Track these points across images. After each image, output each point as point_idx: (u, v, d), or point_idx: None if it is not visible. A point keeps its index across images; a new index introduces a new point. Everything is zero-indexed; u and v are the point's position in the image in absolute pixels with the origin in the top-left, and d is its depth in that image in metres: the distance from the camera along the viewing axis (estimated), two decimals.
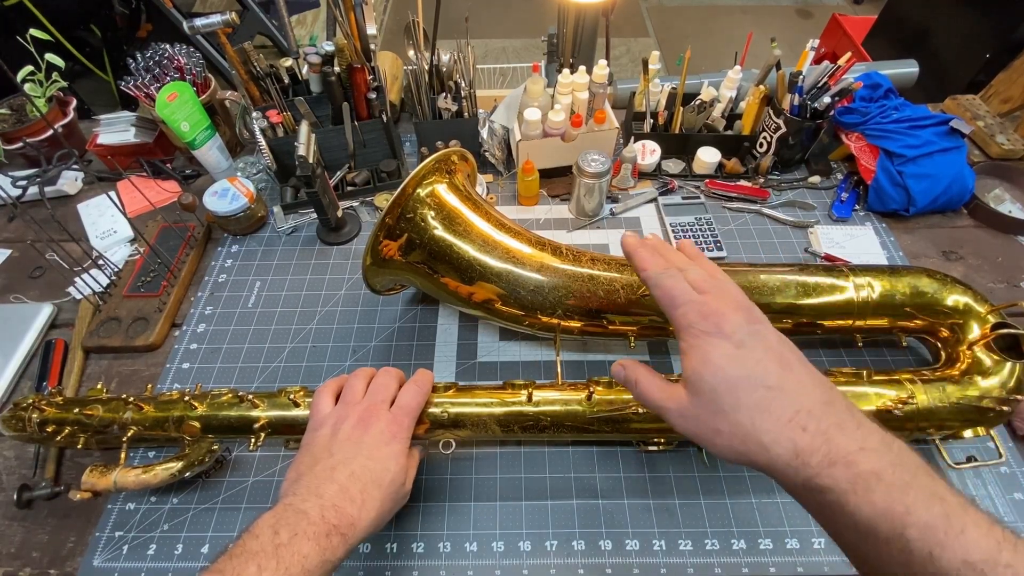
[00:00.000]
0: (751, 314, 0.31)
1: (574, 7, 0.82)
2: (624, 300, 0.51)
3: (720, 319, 0.30)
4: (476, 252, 0.52)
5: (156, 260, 0.69)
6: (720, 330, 0.30)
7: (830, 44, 1.92)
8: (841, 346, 0.61)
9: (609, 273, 0.53)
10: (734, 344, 0.29)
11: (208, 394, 0.50)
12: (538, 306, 0.53)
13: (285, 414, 0.48)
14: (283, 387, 0.50)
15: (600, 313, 0.53)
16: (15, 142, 0.80)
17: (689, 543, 0.49)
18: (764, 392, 0.28)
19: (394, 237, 0.52)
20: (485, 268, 0.52)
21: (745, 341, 0.29)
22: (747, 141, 0.80)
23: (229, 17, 0.69)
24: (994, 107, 0.98)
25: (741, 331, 0.30)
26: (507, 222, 0.55)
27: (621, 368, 0.35)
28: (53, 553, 0.49)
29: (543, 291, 0.52)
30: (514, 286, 0.52)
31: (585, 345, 0.62)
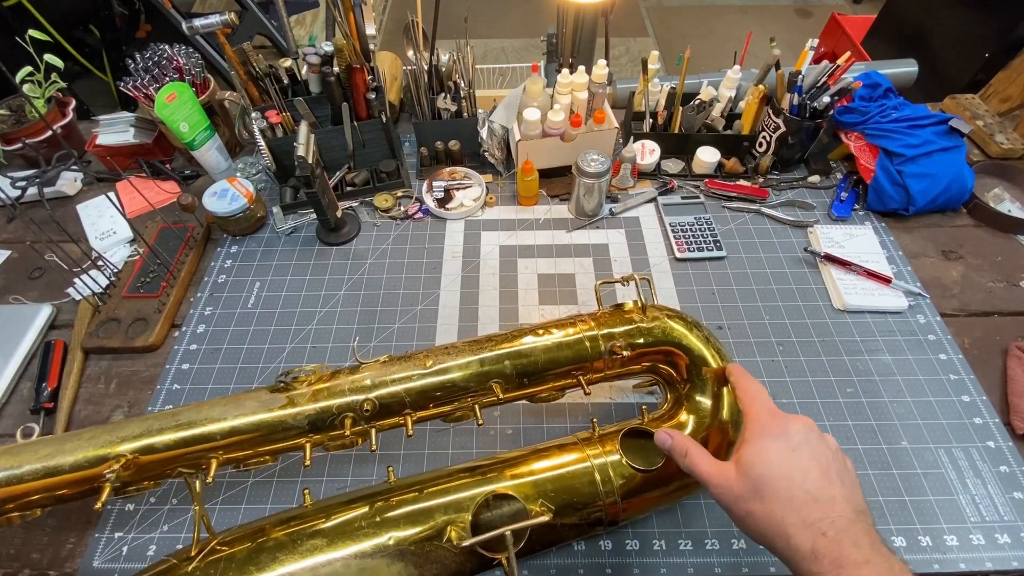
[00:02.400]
0: (813, 426, 0.36)
1: (573, 7, 0.81)
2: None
3: (786, 424, 0.36)
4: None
5: (155, 261, 0.69)
6: (782, 432, 0.35)
7: (829, 44, 1.92)
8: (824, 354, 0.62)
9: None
10: (790, 447, 0.34)
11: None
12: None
13: None
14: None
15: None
16: (14, 143, 0.80)
17: (689, 543, 0.49)
18: (802, 494, 0.32)
19: None
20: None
21: (798, 446, 0.34)
22: (746, 141, 0.80)
23: (228, 17, 0.69)
24: (993, 106, 0.98)
25: (798, 437, 0.35)
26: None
27: (668, 438, 0.40)
28: (53, 554, 0.49)
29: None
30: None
31: None
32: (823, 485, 0.33)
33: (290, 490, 0.53)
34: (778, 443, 0.35)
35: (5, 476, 0.39)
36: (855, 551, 0.30)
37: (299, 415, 0.42)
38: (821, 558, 0.30)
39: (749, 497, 0.33)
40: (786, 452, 0.34)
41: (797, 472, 0.33)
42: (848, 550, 0.30)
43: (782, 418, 0.36)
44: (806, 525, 0.31)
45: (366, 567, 0.37)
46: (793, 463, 0.34)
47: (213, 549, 0.37)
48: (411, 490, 0.41)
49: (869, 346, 0.62)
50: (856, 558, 0.30)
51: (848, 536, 0.31)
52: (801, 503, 0.32)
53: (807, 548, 0.30)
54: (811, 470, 0.33)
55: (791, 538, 0.31)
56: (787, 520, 0.32)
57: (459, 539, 0.37)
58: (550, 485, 0.41)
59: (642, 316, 0.48)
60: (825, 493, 0.32)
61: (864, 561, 0.29)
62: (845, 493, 0.33)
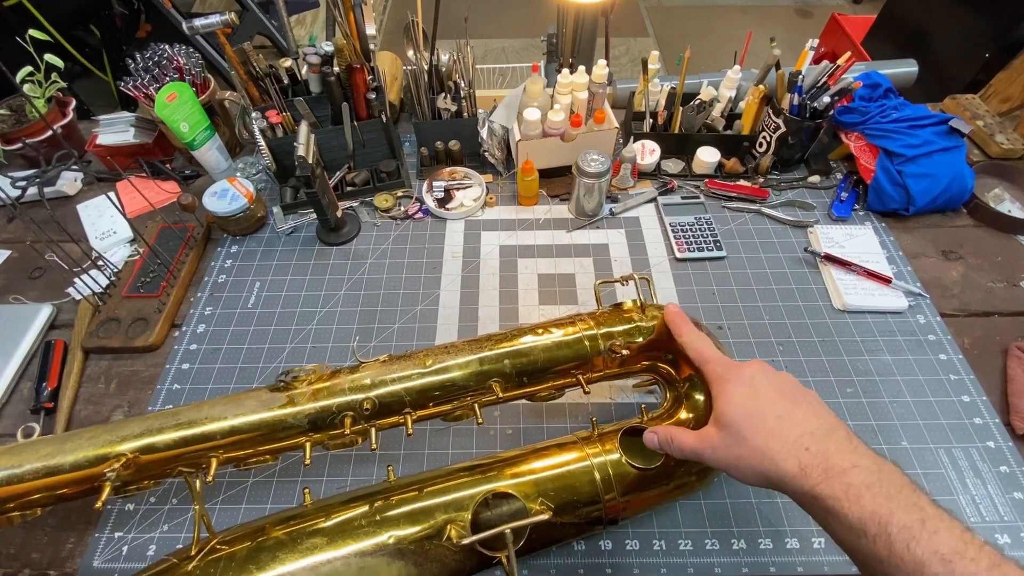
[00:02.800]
0: (766, 365, 0.38)
1: (574, 7, 0.81)
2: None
3: (740, 369, 0.38)
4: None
5: (156, 260, 0.69)
6: (740, 377, 0.37)
7: (829, 44, 1.92)
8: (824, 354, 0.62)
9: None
10: (751, 388, 0.36)
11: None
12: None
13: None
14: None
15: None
16: (14, 143, 0.80)
17: (689, 543, 0.49)
18: (774, 420, 0.34)
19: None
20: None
21: (759, 384, 0.36)
22: (747, 141, 0.80)
23: (228, 17, 0.69)
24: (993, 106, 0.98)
25: (757, 378, 0.37)
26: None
27: (654, 436, 0.41)
28: (53, 554, 0.49)
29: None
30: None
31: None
32: (791, 408, 0.35)
33: (290, 490, 0.53)
34: (740, 387, 0.36)
35: (6, 475, 0.39)
36: (839, 457, 0.31)
37: (299, 414, 0.42)
38: (809, 472, 0.31)
39: (734, 444, 0.35)
40: (750, 392, 0.36)
41: (765, 405, 0.35)
42: (833, 457, 0.31)
43: (736, 365, 0.38)
44: (788, 446, 0.33)
45: (366, 566, 0.37)
46: (759, 398, 0.36)
47: (213, 548, 0.37)
48: (411, 489, 0.41)
49: (869, 346, 0.62)
50: (842, 463, 0.31)
51: (830, 444, 0.32)
52: (776, 428, 0.34)
53: (795, 467, 0.32)
54: (776, 399, 0.35)
55: (778, 463, 0.32)
56: (771, 448, 0.33)
57: (459, 537, 0.37)
58: (550, 484, 0.41)
59: (641, 315, 0.48)
60: (796, 413, 0.34)
61: (851, 466, 0.31)
62: (815, 410, 0.35)
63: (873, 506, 0.29)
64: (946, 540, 0.27)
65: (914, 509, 0.28)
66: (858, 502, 0.29)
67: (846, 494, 0.29)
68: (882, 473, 0.30)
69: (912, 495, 0.29)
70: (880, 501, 0.29)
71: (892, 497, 0.29)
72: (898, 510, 0.28)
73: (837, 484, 0.30)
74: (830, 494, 0.30)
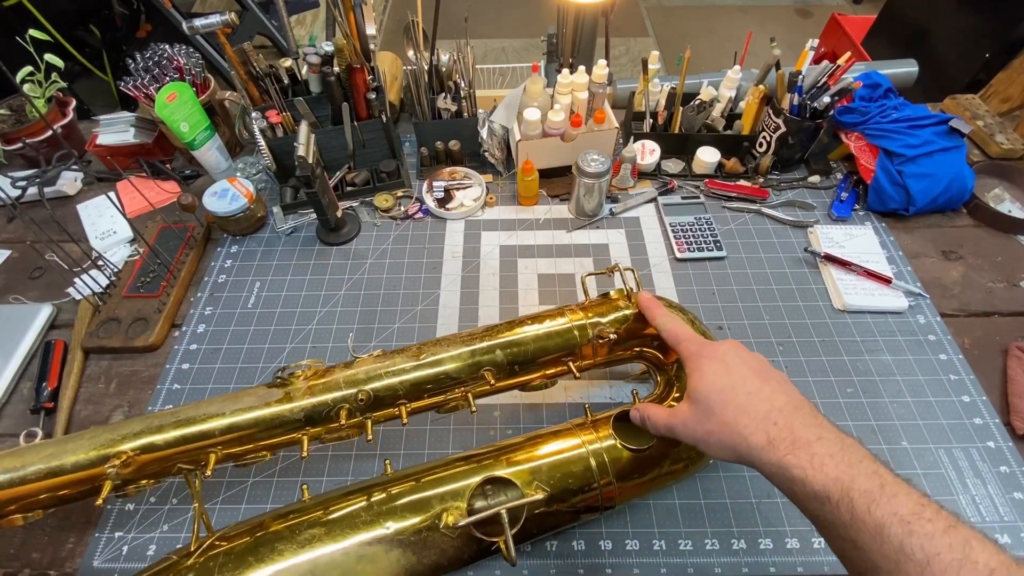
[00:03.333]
0: (738, 345, 0.40)
1: (574, 7, 0.81)
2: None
3: (713, 347, 0.39)
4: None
5: (156, 260, 0.69)
6: (713, 354, 0.38)
7: (829, 44, 1.92)
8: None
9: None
10: (724, 364, 0.38)
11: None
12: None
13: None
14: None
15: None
16: (14, 143, 0.80)
17: (689, 543, 0.49)
18: (744, 396, 0.35)
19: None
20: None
21: (731, 361, 0.38)
22: (747, 141, 0.80)
23: (228, 17, 0.69)
24: (993, 106, 0.98)
25: (729, 355, 0.38)
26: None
27: (637, 412, 0.43)
28: (53, 554, 0.49)
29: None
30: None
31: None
32: (761, 384, 0.36)
33: (290, 489, 0.53)
34: (712, 363, 0.38)
35: (8, 478, 0.39)
36: (805, 431, 0.33)
37: (295, 409, 0.43)
38: (777, 444, 0.33)
39: (705, 419, 0.36)
40: (721, 368, 0.37)
41: (737, 380, 0.36)
42: (799, 431, 0.33)
43: (709, 344, 0.40)
44: (757, 421, 0.34)
45: (364, 555, 0.37)
46: (730, 374, 0.37)
47: (212, 544, 0.38)
48: (408, 480, 0.42)
49: (869, 346, 0.62)
50: (808, 436, 0.32)
51: (796, 419, 0.33)
52: (746, 404, 0.35)
53: (763, 440, 0.33)
54: (747, 376, 0.36)
55: (747, 437, 0.34)
56: (740, 422, 0.34)
57: (455, 522, 0.38)
58: (545, 469, 0.42)
59: (627, 303, 0.49)
60: (765, 390, 0.35)
61: (816, 438, 0.32)
62: (783, 388, 0.36)
63: (836, 473, 0.30)
64: (904, 503, 0.29)
65: (874, 476, 0.30)
66: (822, 470, 0.30)
67: (811, 463, 0.31)
68: (844, 444, 0.32)
69: (872, 464, 0.31)
70: (843, 468, 0.30)
71: (853, 465, 0.30)
72: (859, 476, 0.30)
73: (803, 454, 0.31)
74: (796, 463, 0.31)
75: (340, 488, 0.43)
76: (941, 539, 0.27)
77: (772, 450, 0.32)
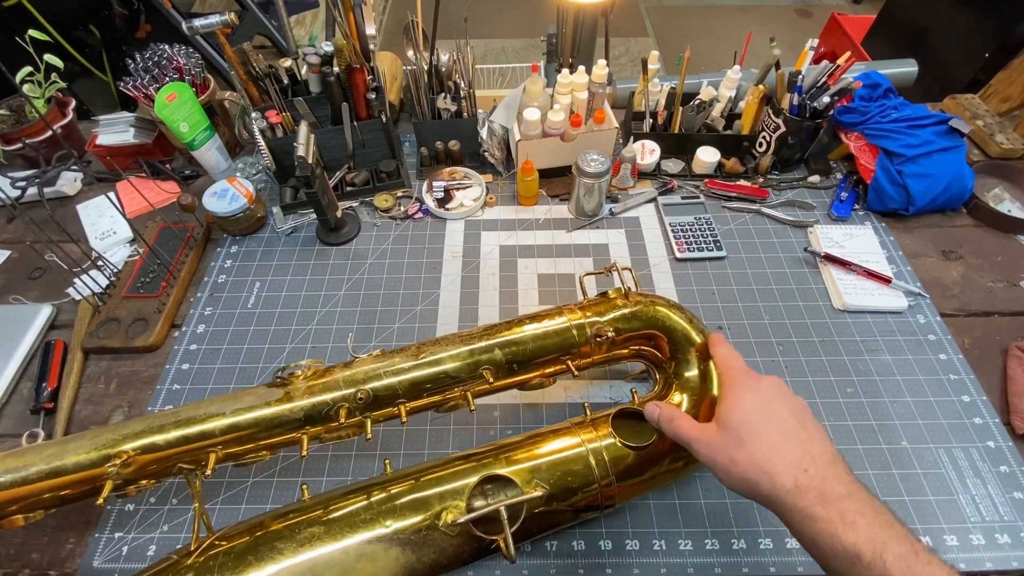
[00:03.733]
0: (783, 384, 0.39)
1: (573, 7, 0.81)
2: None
3: (758, 380, 0.38)
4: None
5: (155, 261, 0.69)
6: (757, 386, 0.38)
7: (829, 44, 1.92)
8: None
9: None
10: (765, 399, 0.37)
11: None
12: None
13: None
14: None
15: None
16: (14, 143, 0.80)
17: (689, 543, 0.49)
18: (779, 436, 0.34)
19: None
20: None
21: (773, 398, 0.37)
22: (746, 141, 0.80)
23: (228, 17, 0.69)
24: (993, 106, 0.98)
25: (771, 391, 0.37)
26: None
27: (656, 408, 0.42)
28: (53, 554, 0.49)
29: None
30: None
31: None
32: (798, 429, 0.35)
33: (290, 489, 0.53)
34: (753, 395, 0.37)
35: (10, 478, 0.39)
36: (838, 485, 0.32)
37: (295, 408, 0.43)
38: (805, 492, 0.32)
39: (732, 446, 0.35)
40: (761, 403, 0.36)
41: (774, 419, 0.35)
42: (831, 484, 0.32)
43: (755, 376, 0.39)
44: (787, 463, 0.33)
45: (364, 553, 0.37)
46: (769, 411, 0.36)
47: (212, 544, 0.38)
48: (408, 479, 0.42)
49: (869, 346, 0.62)
50: (839, 491, 0.31)
51: (830, 471, 0.33)
52: (781, 444, 0.34)
53: (791, 484, 0.32)
54: (786, 418, 0.36)
55: (775, 476, 0.33)
56: (770, 460, 0.33)
57: (455, 520, 0.38)
58: (544, 467, 0.42)
59: (625, 302, 0.49)
60: (802, 435, 0.35)
61: (847, 494, 0.31)
62: (820, 437, 0.35)
63: (869, 533, 0.30)
64: (939, 572, 0.28)
65: (906, 541, 0.29)
66: (854, 528, 0.30)
67: (842, 519, 0.30)
68: (875, 505, 0.31)
69: (903, 529, 0.30)
70: (875, 530, 0.30)
71: (885, 528, 0.30)
72: (891, 540, 0.29)
73: (833, 509, 0.31)
74: (825, 516, 0.31)
75: (340, 487, 0.43)
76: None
77: (800, 496, 0.32)
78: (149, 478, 0.42)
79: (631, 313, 0.49)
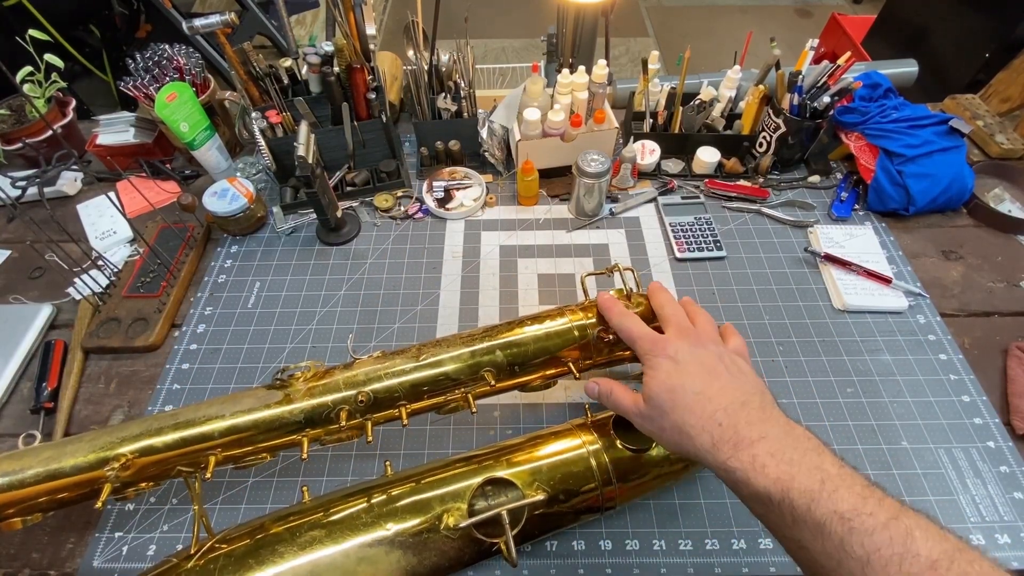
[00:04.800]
0: (697, 339, 0.39)
1: (573, 7, 0.81)
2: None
3: (665, 345, 0.39)
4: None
5: (156, 260, 0.69)
6: (665, 353, 0.38)
7: (829, 44, 1.92)
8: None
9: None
10: (674, 362, 0.38)
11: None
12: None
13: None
14: None
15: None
16: (14, 143, 0.80)
17: (689, 543, 0.49)
18: (692, 396, 0.35)
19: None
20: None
21: (683, 359, 0.38)
22: (747, 141, 0.80)
23: (228, 17, 0.69)
24: (993, 106, 0.98)
25: (682, 352, 0.38)
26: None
27: (595, 385, 0.43)
28: (53, 554, 0.49)
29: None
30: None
31: None
32: (709, 382, 0.36)
33: (290, 490, 0.53)
34: (665, 362, 0.38)
35: (7, 481, 0.39)
36: (749, 429, 0.32)
37: (295, 410, 0.43)
38: (721, 446, 0.32)
39: (657, 416, 0.36)
40: (672, 367, 0.37)
41: (686, 379, 0.36)
42: (743, 430, 0.32)
43: (662, 340, 0.39)
44: (702, 422, 0.34)
45: (365, 557, 0.37)
46: (680, 373, 0.37)
47: (212, 547, 0.38)
48: (408, 481, 0.42)
49: (869, 346, 0.62)
50: (750, 435, 0.32)
51: (741, 418, 0.33)
52: (694, 404, 0.35)
53: (708, 442, 0.33)
54: (696, 374, 0.36)
55: (693, 439, 0.34)
56: (687, 423, 0.34)
57: (456, 523, 0.38)
58: (545, 469, 0.42)
59: (627, 303, 0.49)
60: (712, 388, 0.35)
61: (759, 437, 0.32)
62: (733, 383, 0.36)
63: (777, 473, 0.30)
64: (845, 498, 0.28)
65: (815, 472, 0.29)
66: (763, 471, 0.30)
67: (752, 465, 0.31)
68: (788, 439, 0.31)
69: (816, 458, 0.30)
70: (783, 468, 0.30)
71: (795, 463, 0.30)
72: (799, 474, 0.29)
73: (744, 456, 0.31)
74: (738, 467, 0.31)
75: (340, 489, 0.43)
76: (881, 534, 0.26)
77: (716, 452, 0.32)
78: (148, 481, 0.42)
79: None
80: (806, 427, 0.33)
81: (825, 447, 0.31)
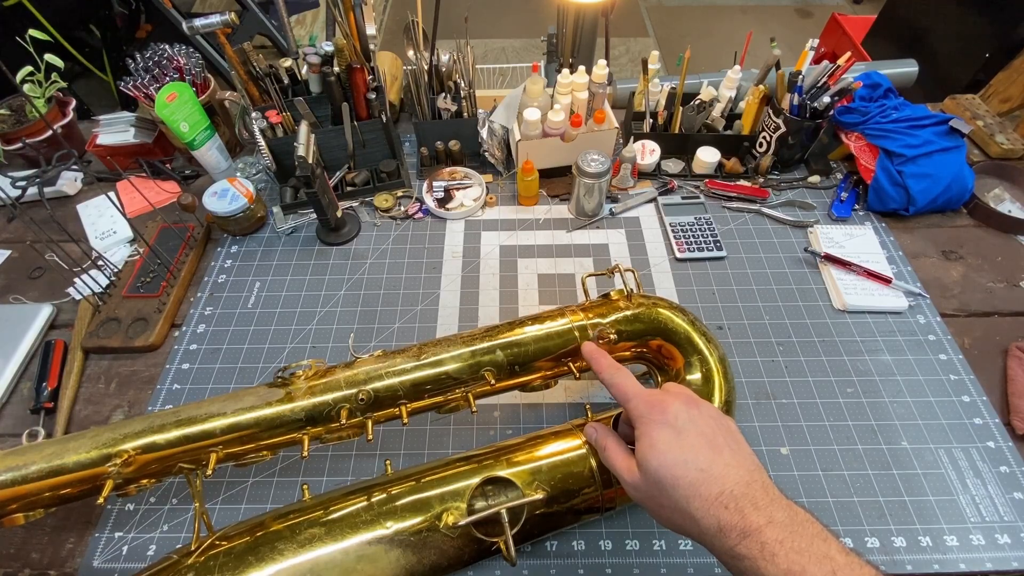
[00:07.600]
0: (690, 399, 0.37)
1: (574, 7, 0.82)
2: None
3: (663, 408, 0.36)
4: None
5: (156, 260, 0.69)
6: (664, 418, 0.35)
7: (830, 44, 1.92)
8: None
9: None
10: (675, 431, 0.34)
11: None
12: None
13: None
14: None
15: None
16: (14, 143, 0.80)
17: (689, 543, 0.49)
18: (696, 474, 0.33)
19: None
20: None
21: (683, 427, 0.35)
22: (747, 141, 0.80)
23: (228, 17, 0.69)
24: (993, 106, 0.98)
25: (681, 417, 0.35)
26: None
27: (593, 431, 0.41)
28: (53, 554, 0.49)
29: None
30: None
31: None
32: (713, 458, 0.33)
33: (290, 489, 0.53)
34: (664, 431, 0.35)
35: (11, 476, 0.39)
36: (755, 515, 0.31)
37: (296, 409, 0.43)
38: (728, 531, 0.31)
39: (655, 492, 0.34)
40: (673, 437, 0.34)
41: (689, 454, 0.34)
42: (750, 516, 0.31)
43: (659, 403, 0.36)
44: (708, 504, 0.32)
45: (364, 555, 0.37)
46: (682, 446, 0.34)
47: (213, 544, 0.38)
48: (408, 480, 0.42)
49: (869, 346, 0.62)
50: (757, 521, 0.30)
51: (746, 501, 0.31)
52: (699, 483, 0.32)
53: (714, 526, 0.31)
54: (699, 447, 0.34)
55: (699, 521, 0.32)
56: (692, 504, 0.32)
57: (456, 522, 0.38)
58: (546, 470, 0.42)
59: (628, 303, 0.49)
60: (717, 465, 0.33)
61: (766, 522, 0.30)
62: (736, 459, 0.34)
63: (787, 564, 0.29)
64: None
65: (825, 561, 0.29)
66: (773, 561, 0.29)
67: (762, 553, 0.30)
68: (795, 525, 0.31)
69: (822, 545, 0.30)
70: (793, 557, 0.29)
71: (803, 552, 0.29)
72: (809, 565, 0.29)
73: (753, 543, 0.30)
74: (747, 554, 0.30)
75: (340, 488, 0.43)
76: None
77: (724, 538, 0.31)
78: (150, 477, 0.42)
79: (633, 315, 0.48)
80: (802, 505, 0.32)
81: (829, 533, 0.31)
